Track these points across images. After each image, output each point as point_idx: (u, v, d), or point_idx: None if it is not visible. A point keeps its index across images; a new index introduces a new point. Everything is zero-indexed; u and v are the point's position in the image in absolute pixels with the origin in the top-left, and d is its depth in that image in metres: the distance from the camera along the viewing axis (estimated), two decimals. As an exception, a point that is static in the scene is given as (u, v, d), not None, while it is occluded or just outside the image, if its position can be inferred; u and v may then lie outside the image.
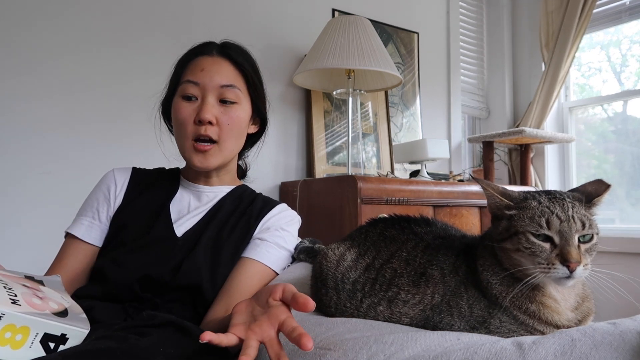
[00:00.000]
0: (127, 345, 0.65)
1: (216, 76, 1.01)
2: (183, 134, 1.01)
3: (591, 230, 0.68)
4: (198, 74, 1.01)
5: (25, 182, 1.69)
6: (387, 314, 0.76)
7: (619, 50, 2.97)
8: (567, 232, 0.66)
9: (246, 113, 1.06)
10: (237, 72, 1.04)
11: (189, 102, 1.01)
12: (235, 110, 1.02)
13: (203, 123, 0.99)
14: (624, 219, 2.78)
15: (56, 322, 0.64)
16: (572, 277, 0.65)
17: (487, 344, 0.60)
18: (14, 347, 0.60)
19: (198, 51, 1.05)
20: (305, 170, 2.34)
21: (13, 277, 0.73)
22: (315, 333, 0.74)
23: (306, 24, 2.37)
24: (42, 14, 1.74)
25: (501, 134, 2.59)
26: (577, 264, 0.65)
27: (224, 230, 1.02)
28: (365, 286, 0.80)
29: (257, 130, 1.14)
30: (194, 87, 1.01)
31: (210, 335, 0.63)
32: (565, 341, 0.55)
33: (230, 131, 1.02)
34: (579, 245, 0.67)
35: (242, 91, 1.04)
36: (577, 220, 0.67)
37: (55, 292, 0.75)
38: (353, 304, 0.80)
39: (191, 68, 1.03)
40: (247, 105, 1.06)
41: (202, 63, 1.02)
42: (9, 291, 0.66)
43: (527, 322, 0.68)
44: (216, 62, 1.03)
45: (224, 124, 1.01)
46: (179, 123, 1.02)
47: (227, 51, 1.05)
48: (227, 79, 1.02)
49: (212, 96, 1.01)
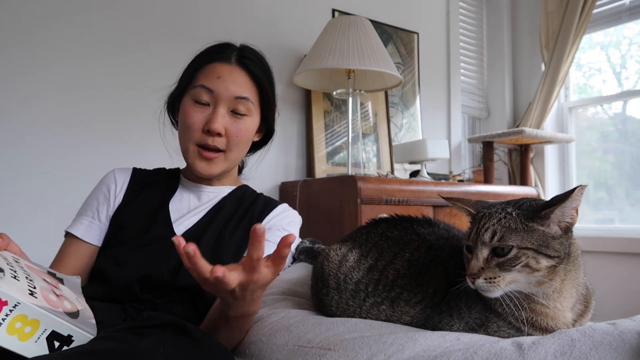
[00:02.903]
0: (127, 346, 0.65)
1: (231, 86, 0.99)
2: (189, 138, 1.01)
3: (505, 243, 0.64)
4: (214, 81, 0.99)
5: (25, 182, 1.69)
6: (389, 312, 0.77)
7: (619, 50, 2.97)
8: (475, 244, 0.66)
9: (255, 124, 1.05)
10: (253, 83, 1.03)
11: (200, 108, 1.00)
12: (244, 122, 1.02)
13: (212, 134, 0.98)
14: (623, 219, 2.78)
15: (66, 322, 0.64)
16: (478, 289, 0.65)
17: (486, 344, 0.60)
18: (21, 338, 0.61)
19: (216, 56, 1.03)
20: (305, 170, 2.34)
21: (36, 270, 0.74)
22: (315, 333, 0.74)
23: (306, 24, 2.37)
24: (42, 14, 1.74)
25: (501, 134, 2.59)
26: (473, 276, 0.64)
27: (226, 231, 1.02)
28: (369, 286, 0.81)
29: (260, 137, 1.14)
30: (207, 93, 0.99)
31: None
32: (564, 341, 0.56)
33: (237, 142, 1.02)
34: (491, 257, 0.65)
35: (254, 104, 1.03)
36: (489, 232, 0.65)
37: (72, 293, 0.75)
38: (356, 303, 0.81)
39: (206, 72, 1.01)
40: (257, 116, 1.06)
41: (219, 70, 1.00)
42: (29, 282, 0.66)
43: (522, 329, 0.68)
44: (233, 71, 1.01)
45: (233, 135, 1.00)
46: (186, 126, 1.01)
47: (244, 60, 1.03)
48: (242, 91, 1.01)
49: (224, 107, 1.00)
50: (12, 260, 0.71)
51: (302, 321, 0.79)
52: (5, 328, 0.59)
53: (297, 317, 0.82)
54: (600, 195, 2.87)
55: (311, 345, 0.71)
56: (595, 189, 2.93)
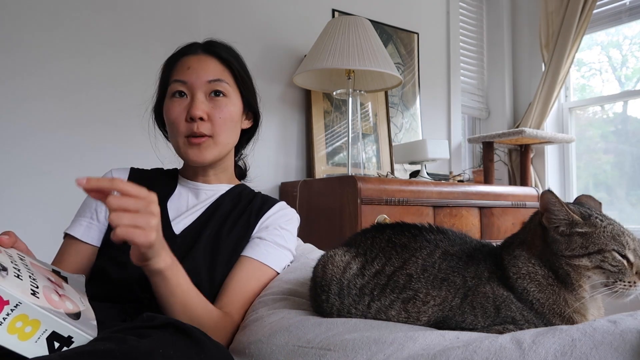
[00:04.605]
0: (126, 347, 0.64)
1: (202, 73, 1.02)
2: (176, 132, 1.02)
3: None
4: (185, 72, 1.02)
5: (25, 183, 1.69)
6: (404, 315, 0.76)
7: (619, 50, 2.97)
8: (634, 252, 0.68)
9: (237, 107, 1.06)
10: (224, 67, 1.05)
11: (178, 100, 1.02)
12: (225, 103, 1.03)
13: (194, 120, 0.99)
14: (623, 219, 2.77)
15: (66, 323, 0.64)
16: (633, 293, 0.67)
17: (486, 341, 0.59)
18: (22, 338, 0.60)
19: (183, 52, 1.07)
20: (305, 170, 2.34)
21: (41, 268, 0.74)
22: (315, 333, 0.73)
23: (306, 24, 2.37)
24: (42, 14, 1.74)
25: (501, 135, 2.59)
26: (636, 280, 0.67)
27: (223, 229, 1.02)
28: (375, 291, 0.79)
29: (250, 125, 1.14)
30: (182, 85, 1.02)
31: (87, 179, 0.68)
32: (565, 341, 0.55)
33: (223, 125, 1.02)
34: None
35: (230, 85, 1.05)
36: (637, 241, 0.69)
37: (76, 293, 0.75)
38: (359, 309, 0.79)
39: (177, 68, 1.04)
40: (237, 99, 1.06)
41: (188, 62, 1.03)
42: (32, 281, 0.66)
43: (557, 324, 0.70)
44: (202, 60, 1.04)
45: (216, 117, 1.01)
46: (170, 122, 1.03)
47: (212, 48, 1.06)
48: (214, 74, 1.03)
49: (201, 92, 1.01)
50: (17, 258, 0.71)
51: (302, 321, 0.79)
52: (6, 327, 0.59)
53: (297, 317, 0.82)
54: (601, 195, 2.87)
55: (311, 346, 0.71)
56: (595, 189, 2.93)
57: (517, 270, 0.72)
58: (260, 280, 0.99)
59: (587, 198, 0.78)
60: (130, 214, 0.71)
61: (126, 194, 0.71)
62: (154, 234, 0.73)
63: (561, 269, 0.70)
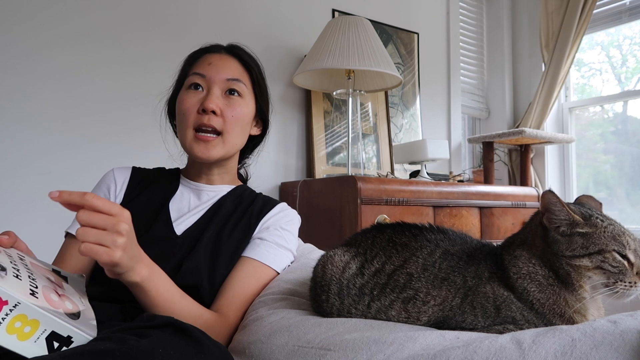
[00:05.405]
0: (126, 347, 0.64)
1: (222, 70, 1.03)
2: (185, 123, 1.02)
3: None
4: (205, 67, 1.04)
5: (25, 182, 1.69)
6: (404, 315, 0.76)
7: (619, 50, 2.97)
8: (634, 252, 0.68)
9: (250, 109, 1.07)
10: (244, 69, 1.07)
11: (194, 92, 1.03)
12: (239, 103, 1.04)
13: (207, 112, 1.00)
14: (624, 219, 2.77)
15: (66, 323, 0.64)
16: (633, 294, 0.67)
17: (486, 341, 0.59)
18: (21, 338, 0.60)
19: (206, 49, 1.09)
20: (305, 170, 2.34)
21: (40, 268, 0.74)
22: (315, 333, 0.73)
23: (306, 24, 2.37)
24: (41, 12, 1.74)
25: (501, 135, 2.59)
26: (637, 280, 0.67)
27: (225, 230, 1.01)
28: (374, 290, 0.79)
29: (259, 133, 1.15)
30: (200, 78, 1.03)
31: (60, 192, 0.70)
32: (565, 341, 0.55)
33: (234, 124, 1.03)
34: None
35: (247, 87, 1.06)
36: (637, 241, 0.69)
37: (75, 293, 0.75)
38: (359, 309, 0.80)
39: (199, 62, 1.06)
40: (252, 102, 1.08)
41: (210, 58, 1.05)
42: (31, 282, 0.66)
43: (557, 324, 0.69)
44: (224, 58, 1.06)
45: (228, 116, 1.02)
46: (182, 112, 1.03)
47: (235, 50, 1.08)
48: (233, 73, 1.04)
49: (218, 88, 1.02)
50: (16, 258, 0.71)
51: (302, 321, 0.79)
52: (5, 327, 0.59)
53: (297, 317, 0.82)
54: (601, 195, 2.87)
55: (311, 346, 0.71)
56: (595, 189, 2.93)
57: (517, 270, 0.72)
58: (260, 281, 0.99)
59: (588, 198, 0.78)
60: (96, 231, 0.69)
61: (96, 210, 0.70)
62: (118, 252, 0.71)
63: (562, 269, 0.70)
